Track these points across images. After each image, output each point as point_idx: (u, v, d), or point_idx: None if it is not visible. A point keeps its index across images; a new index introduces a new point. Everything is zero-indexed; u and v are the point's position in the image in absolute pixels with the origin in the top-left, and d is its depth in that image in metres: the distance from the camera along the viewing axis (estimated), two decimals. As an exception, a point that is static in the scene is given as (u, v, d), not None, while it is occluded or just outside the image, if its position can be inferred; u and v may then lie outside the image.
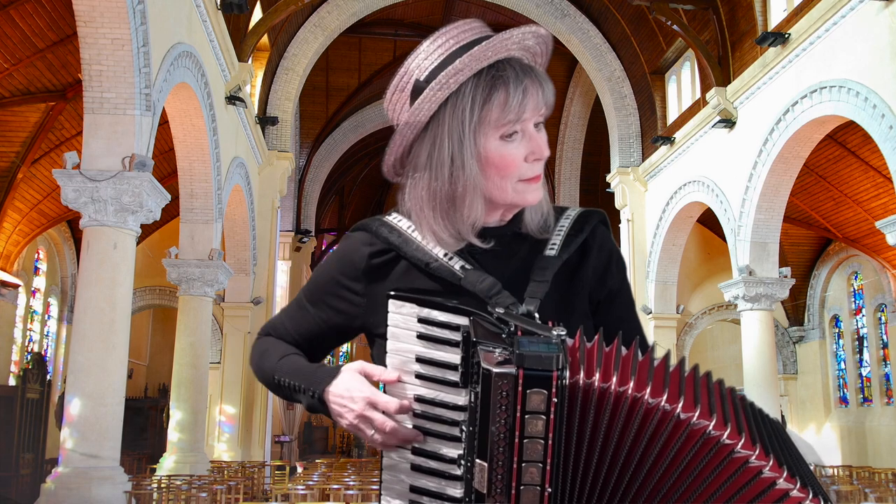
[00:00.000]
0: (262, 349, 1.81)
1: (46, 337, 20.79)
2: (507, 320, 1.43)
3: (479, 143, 1.58)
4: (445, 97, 1.58)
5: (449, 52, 1.59)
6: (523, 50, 1.64)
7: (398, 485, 1.52)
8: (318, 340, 1.80)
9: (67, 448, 10.07)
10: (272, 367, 1.74)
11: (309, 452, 30.28)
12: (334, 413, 1.57)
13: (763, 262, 16.00)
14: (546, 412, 1.30)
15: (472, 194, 1.60)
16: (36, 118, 15.78)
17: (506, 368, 1.30)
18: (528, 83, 1.58)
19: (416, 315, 1.51)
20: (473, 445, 1.35)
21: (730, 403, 1.40)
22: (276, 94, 20.54)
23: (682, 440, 1.33)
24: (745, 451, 1.32)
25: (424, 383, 1.50)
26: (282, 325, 1.84)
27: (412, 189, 1.65)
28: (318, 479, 13.31)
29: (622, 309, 1.79)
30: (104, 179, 10.29)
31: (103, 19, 10.25)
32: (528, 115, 1.59)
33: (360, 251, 1.71)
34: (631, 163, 21.31)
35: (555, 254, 1.67)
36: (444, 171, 1.60)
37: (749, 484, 1.32)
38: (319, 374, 1.61)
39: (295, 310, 1.83)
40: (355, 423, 1.54)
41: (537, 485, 1.31)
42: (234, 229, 18.69)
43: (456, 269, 1.61)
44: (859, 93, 12.42)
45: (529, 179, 1.62)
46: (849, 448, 21.43)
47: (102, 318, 10.25)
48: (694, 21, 17.93)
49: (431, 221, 1.63)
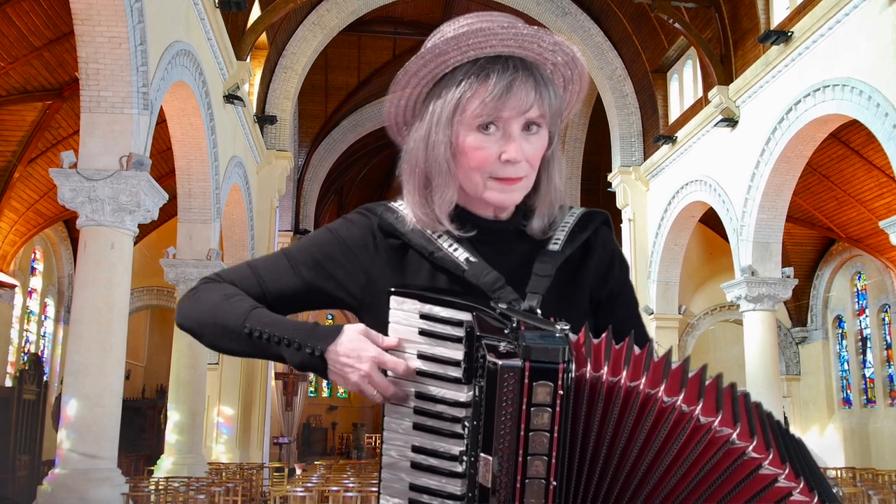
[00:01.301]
0: (225, 293, 1.65)
1: (43, 338, 20.81)
2: (509, 315, 1.43)
3: (455, 129, 1.58)
4: (440, 73, 1.59)
5: (472, 27, 1.58)
6: (540, 54, 1.61)
7: (398, 483, 1.50)
8: (290, 302, 1.71)
9: (64, 450, 10.03)
10: (241, 313, 1.60)
11: (308, 454, 30.27)
12: (336, 372, 1.52)
13: (766, 263, 15.95)
14: (552, 405, 1.30)
15: (443, 178, 1.60)
16: (32, 117, 15.79)
17: (512, 361, 1.30)
18: (516, 79, 1.55)
19: (417, 311, 1.51)
20: (478, 440, 1.35)
21: (755, 415, 1.38)
22: (274, 93, 20.52)
23: (701, 445, 1.31)
24: (774, 468, 1.29)
25: (426, 379, 1.49)
26: (251, 274, 1.71)
27: (403, 161, 1.67)
28: (317, 480, 13.26)
29: (624, 310, 1.78)
30: (101, 179, 10.27)
31: (100, 17, 10.22)
32: (509, 112, 1.55)
33: (371, 230, 1.69)
34: (632, 162, 21.28)
35: (558, 248, 1.66)
36: (421, 147, 1.61)
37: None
38: (320, 331, 1.55)
39: (272, 265, 1.72)
40: (360, 384, 1.49)
41: (542, 478, 1.31)
42: (232, 229, 18.65)
43: (460, 261, 1.60)
44: (863, 91, 12.38)
45: (502, 179, 1.58)
46: (852, 450, 21.38)
47: (100, 318, 10.21)
48: (696, 19, 17.91)
49: (411, 196, 1.64)
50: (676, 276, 20.33)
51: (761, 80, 15.55)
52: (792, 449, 1.38)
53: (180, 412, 15.15)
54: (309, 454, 30.42)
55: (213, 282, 1.71)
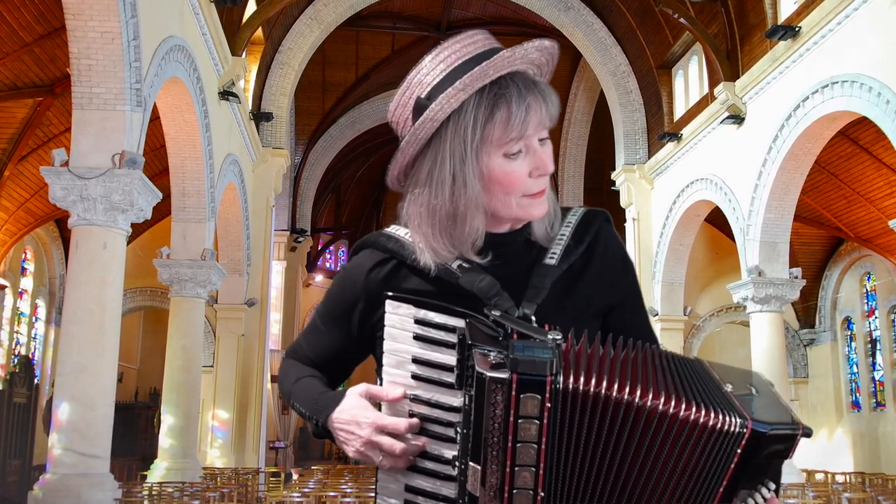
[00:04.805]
0: (283, 371, 1.87)
1: (34, 339, 20.86)
2: (503, 323, 1.47)
3: (482, 161, 1.60)
4: (447, 115, 1.59)
5: (451, 68, 1.61)
6: (528, 63, 1.65)
7: (394, 484, 1.55)
8: (336, 361, 1.84)
9: (56, 454, 10.04)
10: (288, 390, 1.79)
11: (305, 459, 30.35)
12: (340, 440, 1.59)
13: (773, 263, 15.92)
14: (539, 417, 1.34)
15: (474, 212, 1.62)
16: (23, 114, 15.78)
17: (500, 373, 1.34)
18: (531, 100, 1.60)
19: (412, 316, 1.55)
20: (467, 448, 1.40)
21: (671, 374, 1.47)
22: (270, 90, 20.52)
23: (673, 433, 1.40)
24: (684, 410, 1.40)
25: (420, 384, 1.52)
26: (300, 346, 1.89)
27: (412, 204, 1.67)
28: (314, 486, 13.28)
29: (631, 312, 1.83)
30: (93, 177, 10.30)
31: (92, 12, 10.22)
32: (532, 131, 1.60)
33: (361, 266, 1.75)
34: (637, 160, 21.27)
35: (555, 263, 1.69)
36: (444, 189, 1.61)
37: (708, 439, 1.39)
38: (322, 402, 1.64)
39: (311, 331, 1.87)
40: (363, 451, 1.54)
41: (530, 489, 1.36)
42: (227, 228, 18.66)
43: (453, 268, 1.64)
44: (872, 88, 12.34)
45: (534, 195, 1.64)
46: (861, 454, 21.33)
47: (92, 320, 10.22)
48: (702, 14, 17.85)
49: (430, 238, 1.64)
50: (682, 277, 20.33)
51: (768, 76, 15.53)
52: (694, 379, 1.47)
53: (174, 416, 15.16)
54: (306, 459, 30.49)
55: (283, 359, 1.93)
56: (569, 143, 27.44)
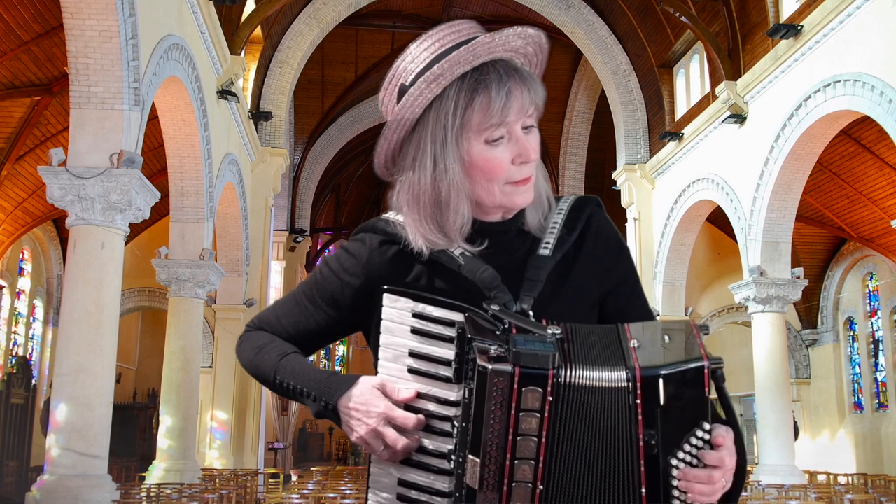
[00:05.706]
0: (258, 344, 1.80)
1: (31, 340, 20.90)
2: (501, 318, 1.47)
3: (463, 147, 1.61)
4: (429, 101, 1.61)
5: (434, 55, 1.62)
6: (512, 51, 1.65)
7: (386, 478, 1.56)
8: (314, 338, 1.83)
9: (53, 455, 10.02)
10: (272, 365, 1.73)
11: (304, 460, 30.48)
12: (346, 424, 1.58)
13: (775, 263, 15.93)
14: (540, 410, 1.35)
15: (457, 198, 1.62)
16: (20, 113, 15.81)
17: (502, 366, 1.35)
18: (511, 85, 1.60)
19: (410, 310, 1.55)
20: (466, 441, 1.40)
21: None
22: (269, 89, 20.51)
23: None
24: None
25: (417, 378, 1.53)
26: (274, 318, 1.85)
27: (400, 191, 1.68)
28: (313, 487, 13.30)
29: (627, 297, 1.81)
30: (91, 177, 10.30)
31: (90, 10, 10.21)
32: (513, 117, 1.61)
33: (363, 246, 1.75)
34: (638, 159, 21.26)
35: (548, 254, 1.69)
36: (426, 175, 1.63)
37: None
38: (333, 383, 1.62)
39: (292, 306, 1.84)
40: (367, 438, 1.55)
41: (529, 482, 1.37)
42: (226, 228, 18.65)
43: (456, 256, 1.65)
44: (874, 87, 12.33)
45: (517, 182, 1.64)
46: (864, 455, 21.35)
47: (90, 320, 10.20)
48: (703, 12, 17.88)
49: (419, 224, 1.65)
50: (683, 277, 20.32)
51: (770, 75, 15.52)
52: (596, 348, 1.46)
53: (172, 417, 15.13)
54: (305, 460, 30.64)
55: (249, 331, 1.86)
56: (569, 142, 27.43)
